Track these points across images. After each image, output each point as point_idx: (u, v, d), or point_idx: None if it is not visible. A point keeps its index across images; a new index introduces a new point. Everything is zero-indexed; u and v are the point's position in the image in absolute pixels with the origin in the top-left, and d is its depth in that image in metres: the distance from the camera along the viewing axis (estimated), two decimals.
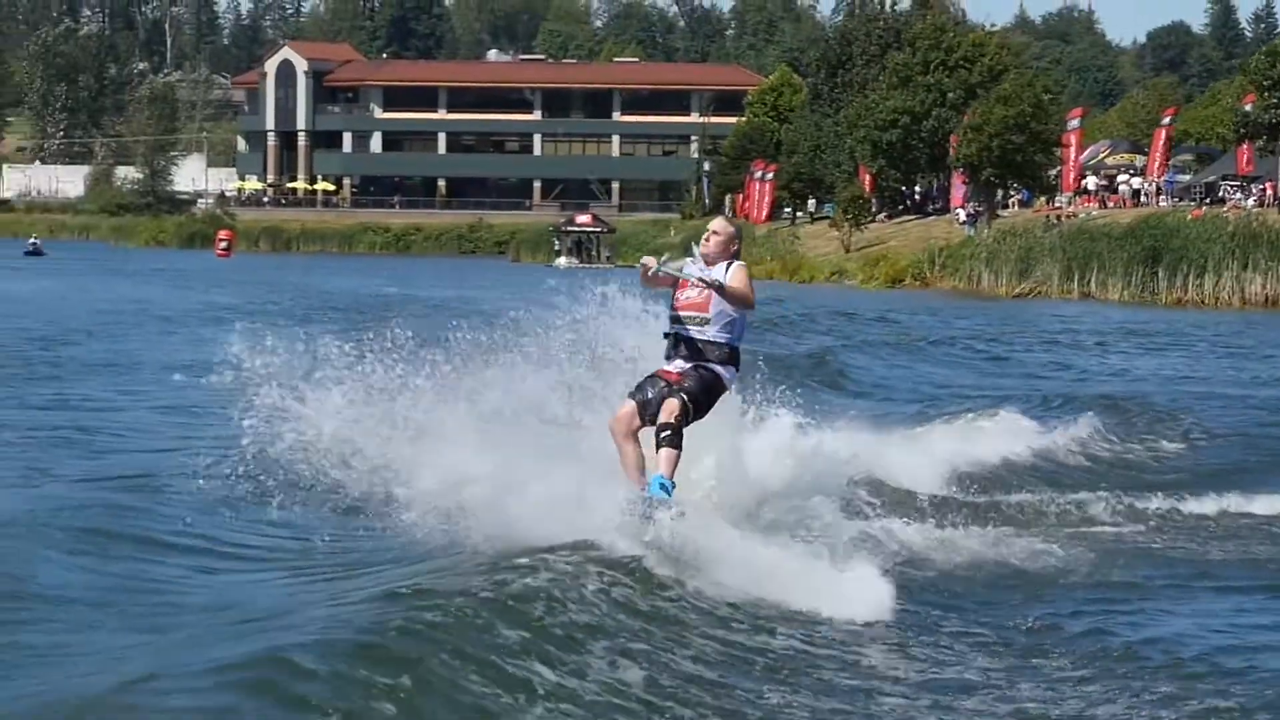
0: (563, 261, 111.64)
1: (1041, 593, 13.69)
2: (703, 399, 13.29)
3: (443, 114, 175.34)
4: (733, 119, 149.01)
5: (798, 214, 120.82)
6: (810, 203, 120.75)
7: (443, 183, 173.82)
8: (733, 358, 13.50)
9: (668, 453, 12.93)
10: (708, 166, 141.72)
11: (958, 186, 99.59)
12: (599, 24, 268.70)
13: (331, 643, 9.61)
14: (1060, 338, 44.54)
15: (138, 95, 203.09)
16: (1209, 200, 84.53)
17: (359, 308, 51.67)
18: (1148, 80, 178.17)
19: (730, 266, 13.46)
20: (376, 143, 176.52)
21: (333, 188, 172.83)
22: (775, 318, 48.39)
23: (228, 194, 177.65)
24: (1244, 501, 18.02)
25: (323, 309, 50.83)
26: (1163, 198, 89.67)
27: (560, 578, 11.44)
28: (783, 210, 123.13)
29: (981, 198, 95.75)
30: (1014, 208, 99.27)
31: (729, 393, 13.87)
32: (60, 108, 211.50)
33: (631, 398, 13.40)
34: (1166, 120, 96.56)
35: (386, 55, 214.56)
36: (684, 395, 13.15)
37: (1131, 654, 11.68)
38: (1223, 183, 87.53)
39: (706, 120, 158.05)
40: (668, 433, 12.98)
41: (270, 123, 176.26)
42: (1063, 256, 71.47)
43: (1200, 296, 64.52)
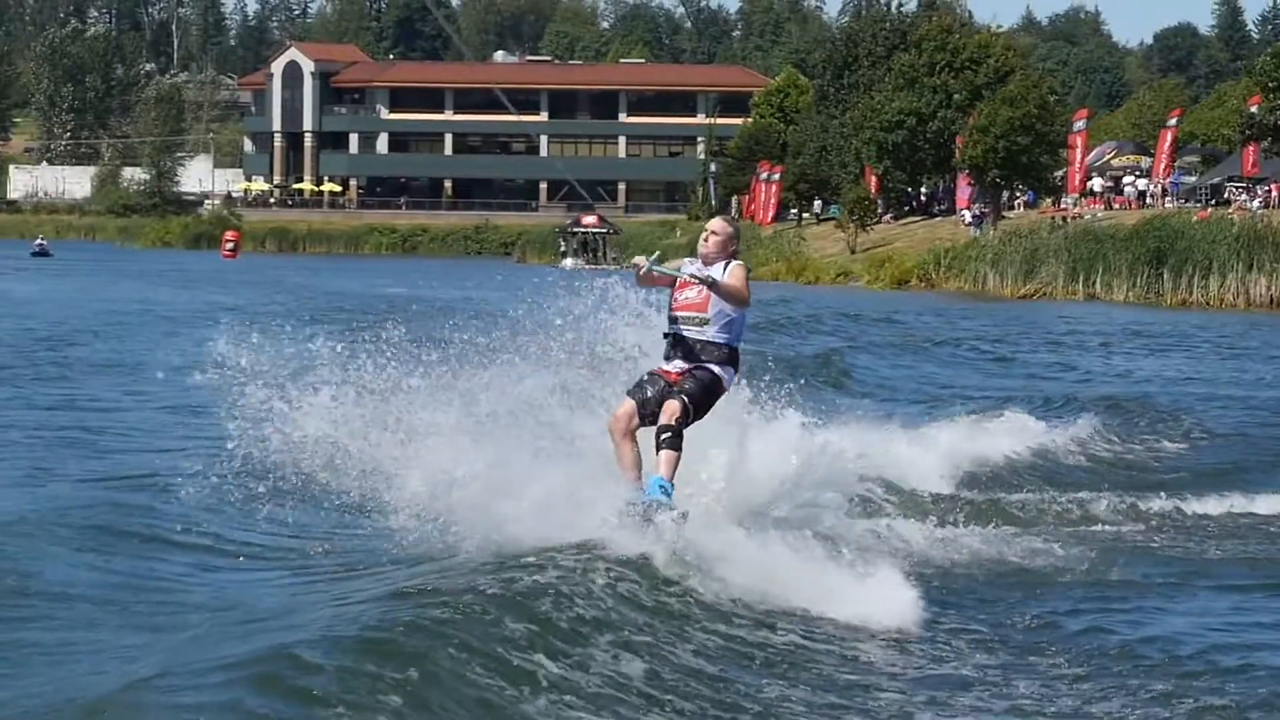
0: (569, 262, 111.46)
1: (1040, 591, 13.74)
2: (702, 400, 13.20)
3: (449, 115, 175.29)
4: (739, 120, 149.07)
5: (803, 215, 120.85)
6: (816, 204, 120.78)
7: (449, 184, 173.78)
8: (732, 358, 13.41)
9: (668, 454, 12.87)
10: (714, 167, 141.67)
11: (963, 188, 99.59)
12: (605, 25, 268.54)
13: (338, 639, 9.66)
14: (1065, 339, 44.55)
15: (144, 96, 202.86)
16: (1214, 202, 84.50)
17: (364, 308, 51.65)
18: (1154, 81, 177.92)
19: (728, 265, 13.38)
20: (383, 144, 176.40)
21: (339, 189, 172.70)
22: (781, 318, 48.42)
23: (234, 195, 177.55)
24: (1243, 501, 18.10)
25: (328, 310, 50.82)
26: (1168, 199, 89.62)
27: (567, 575, 11.46)
28: (788, 211, 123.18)
29: (987, 199, 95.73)
30: (1019, 209, 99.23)
31: (734, 392, 13.87)
32: (67, 108, 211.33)
33: (631, 396, 13.31)
34: (1172, 122, 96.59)
35: (393, 56, 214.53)
36: (684, 397, 13.08)
37: (1129, 652, 11.74)
38: (1228, 184, 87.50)
39: (713, 121, 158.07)
40: (668, 434, 12.91)
41: (277, 124, 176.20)
42: (1068, 258, 71.46)
43: (1205, 298, 64.49)
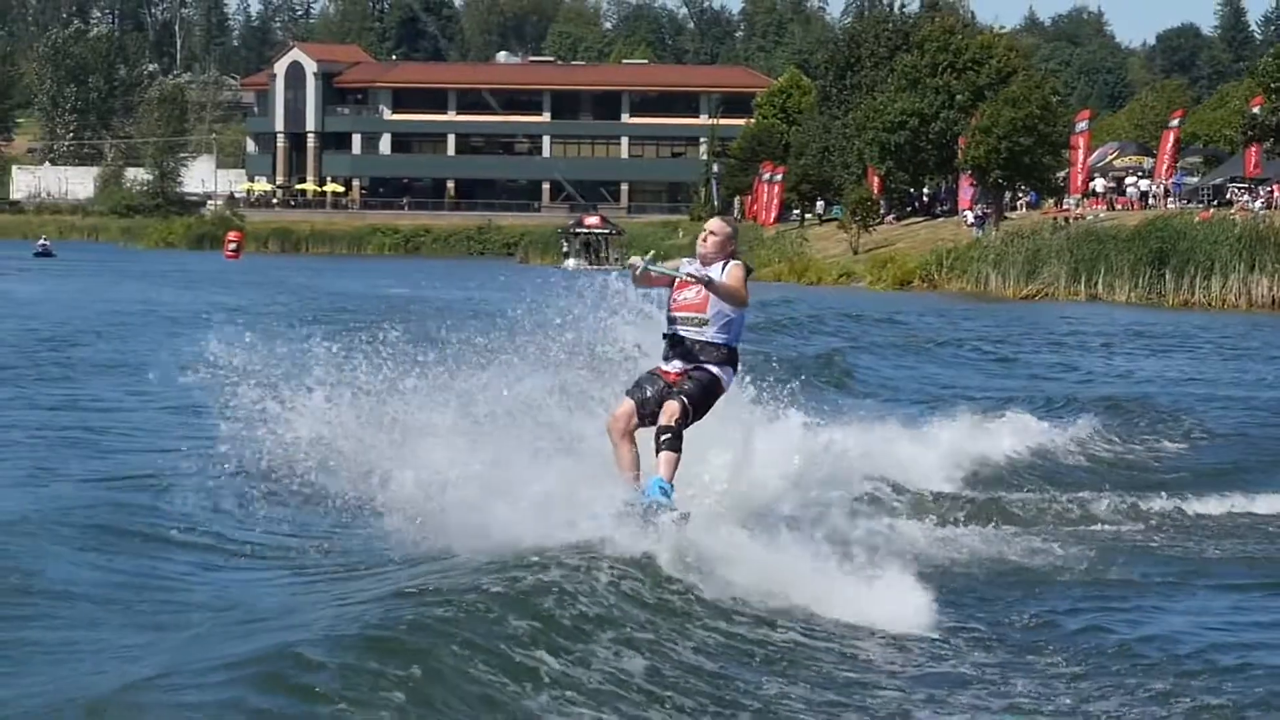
0: (571, 263, 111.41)
1: (1039, 590, 13.77)
2: (701, 401, 13.17)
3: (452, 115, 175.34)
4: (741, 121, 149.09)
5: (806, 216, 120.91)
6: (818, 204, 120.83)
7: (451, 184, 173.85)
8: (731, 358, 13.37)
9: (667, 456, 12.84)
10: (716, 168, 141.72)
11: (965, 188, 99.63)
12: (608, 26, 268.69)
13: (340, 637, 9.70)
14: (1067, 339, 44.56)
15: (147, 96, 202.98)
16: (1216, 203, 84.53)
17: (367, 309, 51.69)
18: (1157, 82, 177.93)
19: (727, 265, 13.35)
20: (386, 144, 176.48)
21: (342, 189, 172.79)
22: (784, 319, 48.40)
23: (237, 195, 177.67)
24: (1243, 501, 18.14)
25: (331, 310, 50.87)
26: (1170, 200, 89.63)
27: (569, 574, 11.48)
28: (791, 212, 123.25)
29: (989, 200, 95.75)
30: (1022, 210, 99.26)
31: (737, 392, 13.89)
32: (70, 109, 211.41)
33: (630, 396, 13.29)
34: (1175, 122, 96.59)
35: (396, 57, 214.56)
36: (684, 398, 13.06)
37: (1127, 651, 11.77)
38: (1230, 185, 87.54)
39: (715, 122, 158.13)
40: (668, 436, 12.89)
41: (280, 124, 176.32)
42: (1070, 258, 71.47)
43: (1207, 298, 64.50)
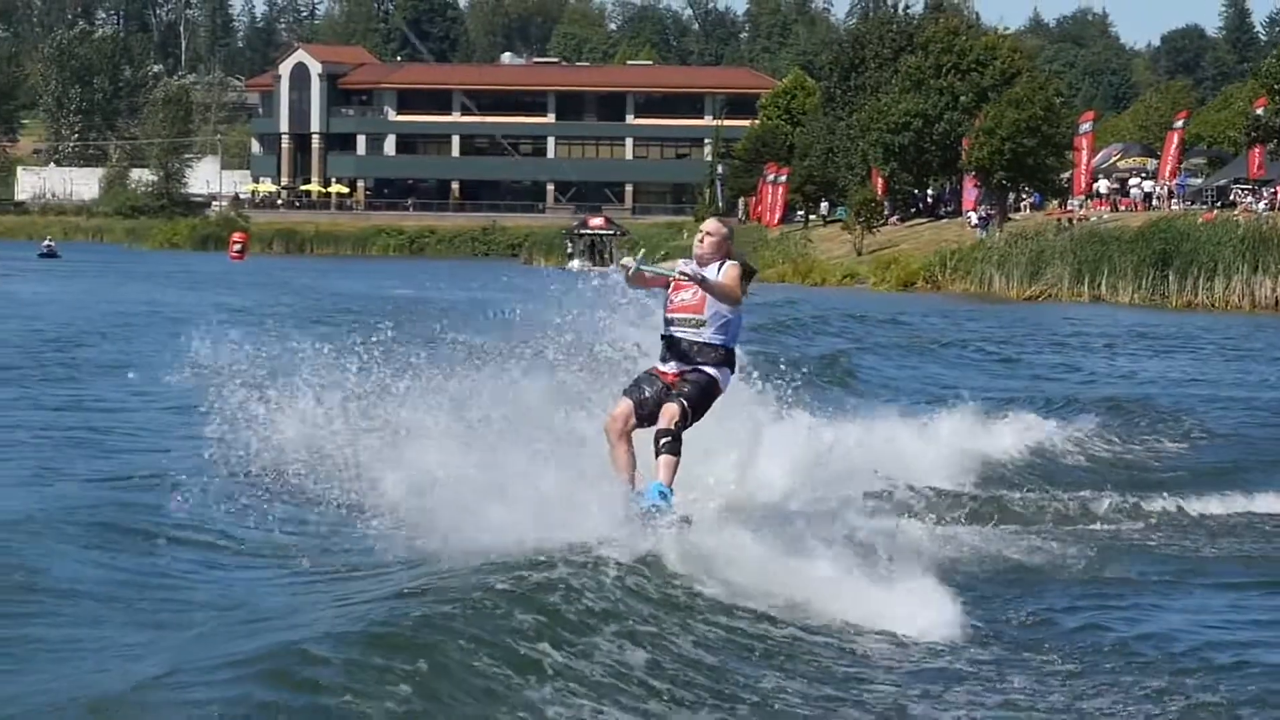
0: (575, 264, 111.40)
1: (1037, 587, 13.83)
2: (700, 403, 13.16)
3: (456, 117, 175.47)
4: (746, 122, 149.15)
5: (810, 217, 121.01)
6: (823, 205, 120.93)
7: (456, 185, 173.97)
8: (728, 359, 13.36)
9: (667, 459, 12.82)
10: (721, 169, 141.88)
11: (969, 190, 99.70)
12: (613, 27, 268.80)
13: (345, 634, 9.76)
14: (1070, 340, 44.61)
15: (152, 97, 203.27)
16: (1220, 204, 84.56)
17: (370, 309, 51.70)
18: (1161, 83, 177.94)
19: (723, 265, 13.35)
20: (390, 145, 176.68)
21: (346, 190, 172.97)
22: (788, 320, 48.42)
23: (241, 196, 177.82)
24: (1242, 501, 18.18)
25: (334, 311, 50.92)
26: (1174, 201, 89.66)
27: (571, 574, 11.50)
28: (795, 213, 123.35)
29: (993, 201, 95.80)
30: (1026, 211, 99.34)
31: (741, 393, 13.92)
32: (75, 110, 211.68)
33: (628, 395, 13.26)
34: (1179, 124, 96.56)
35: (400, 58, 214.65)
36: (683, 400, 13.04)
37: (1124, 648, 11.83)
38: (1234, 186, 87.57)
39: (720, 123, 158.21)
40: (668, 439, 12.87)
41: (284, 125, 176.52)
42: (1073, 259, 71.55)
43: (1210, 299, 64.57)
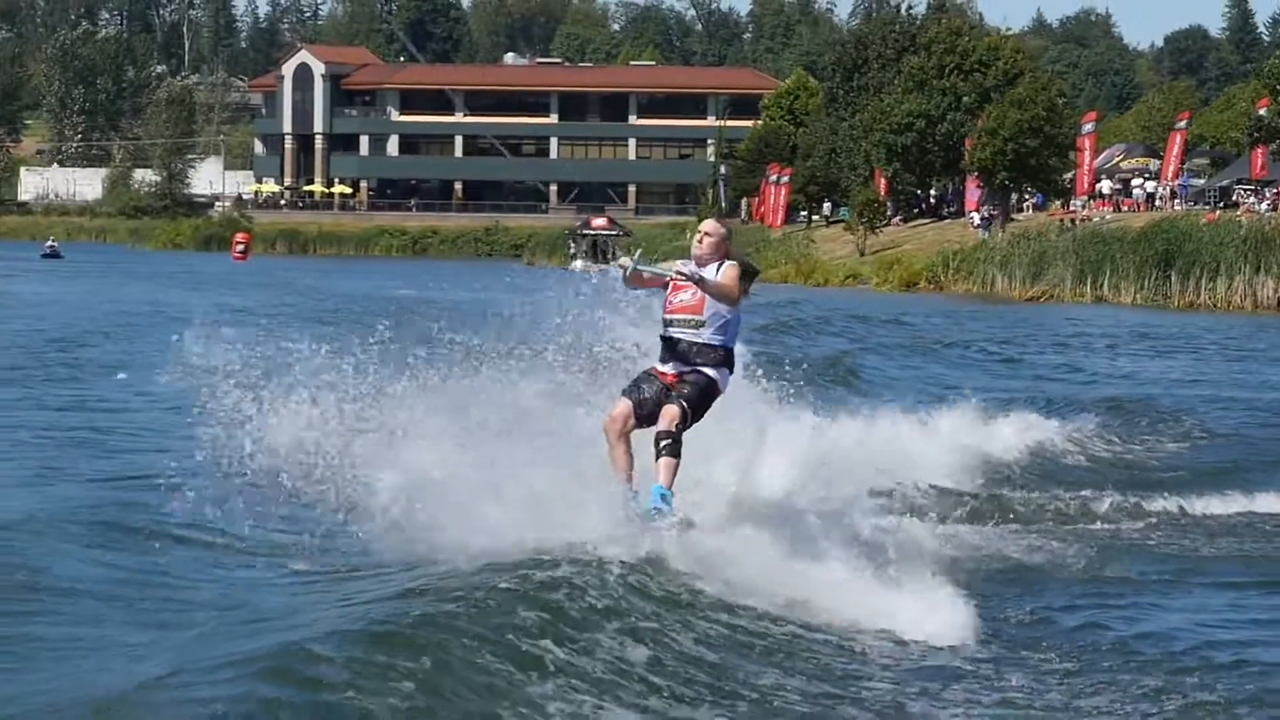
0: (578, 265, 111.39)
1: (1037, 586, 13.88)
2: (699, 404, 13.12)
3: (459, 117, 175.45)
4: (749, 122, 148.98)
5: (813, 217, 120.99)
6: (825, 206, 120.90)
7: (459, 186, 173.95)
8: (727, 360, 13.31)
9: (667, 461, 12.80)
10: (724, 170, 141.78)
11: (972, 190, 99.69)
12: (616, 27, 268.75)
13: (347, 632, 9.81)
14: (1072, 341, 44.64)
15: (155, 98, 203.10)
16: (1223, 204, 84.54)
17: (373, 310, 51.71)
18: (1164, 84, 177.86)
19: (722, 266, 13.29)
20: (393, 146, 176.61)
21: (349, 190, 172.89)
22: (791, 320, 48.46)
23: (245, 197, 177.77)
24: (1241, 500, 18.24)
25: (337, 311, 50.93)
26: (1177, 202, 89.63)
27: (572, 574, 11.53)
28: (798, 213, 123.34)
29: (996, 201, 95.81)
30: (1028, 211, 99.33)
31: (744, 393, 13.92)
32: (78, 110, 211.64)
33: (627, 396, 13.21)
34: (1181, 124, 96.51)
35: (403, 59, 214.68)
36: (683, 401, 13.00)
37: (1123, 647, 11.87)
38: (1237, 187, 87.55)
39: (723, 124, 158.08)
40: (668, 441, 12.83)
41: (287, 126, 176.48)
42: (1076, 260, 71.51)
43: (1212, 300, 64.55)
